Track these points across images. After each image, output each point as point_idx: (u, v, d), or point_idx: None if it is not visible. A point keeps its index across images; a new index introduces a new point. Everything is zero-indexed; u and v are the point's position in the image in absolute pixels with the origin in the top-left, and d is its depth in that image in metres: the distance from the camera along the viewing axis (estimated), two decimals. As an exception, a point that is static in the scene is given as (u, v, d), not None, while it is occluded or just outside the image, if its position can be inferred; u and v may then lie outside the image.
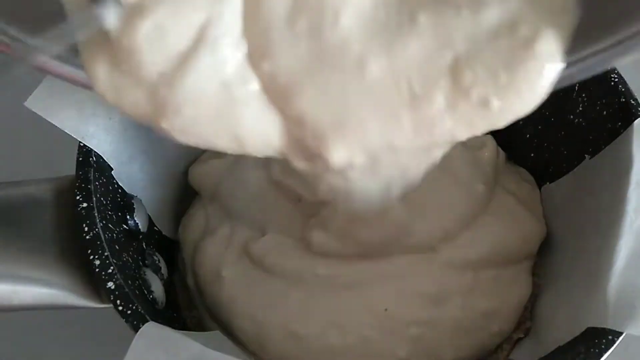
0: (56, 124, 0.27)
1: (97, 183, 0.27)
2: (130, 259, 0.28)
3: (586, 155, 0.32)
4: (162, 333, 0.23)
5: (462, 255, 0.31)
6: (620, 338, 0.23)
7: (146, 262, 0.31)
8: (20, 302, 0.25)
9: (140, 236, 0.31)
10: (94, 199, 0.27)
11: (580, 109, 0.32)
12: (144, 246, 0.31)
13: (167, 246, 0.35)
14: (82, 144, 0.28)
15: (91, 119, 0.28)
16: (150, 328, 0.23)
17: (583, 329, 0.24)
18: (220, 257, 0.31)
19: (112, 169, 0.29)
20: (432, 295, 0.30)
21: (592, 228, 0.28)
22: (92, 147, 0.28)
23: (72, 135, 0.27)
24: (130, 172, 0.31)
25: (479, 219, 0.32)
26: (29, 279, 0.25)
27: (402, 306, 0.29)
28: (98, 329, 0.35)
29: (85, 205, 0.26)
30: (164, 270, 0.32)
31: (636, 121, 0.28)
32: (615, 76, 0.29)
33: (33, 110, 0.26)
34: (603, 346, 0.23)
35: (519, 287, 0.32)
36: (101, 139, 0.28)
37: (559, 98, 0.33)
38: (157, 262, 0.31)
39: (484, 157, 0.34)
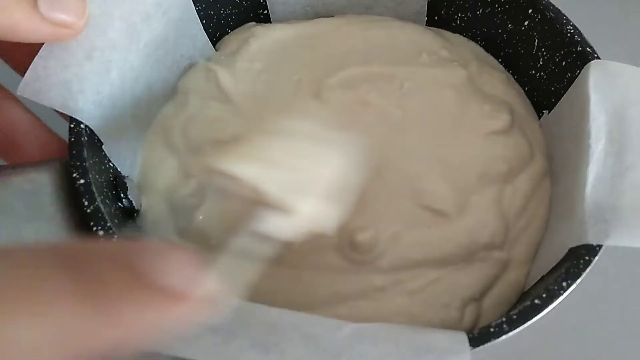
0: (46, 104, 0.27)
1: (91, 161, 0.28)
2: (129, 233, 0.29)
3: (544, 111, 0.34)
4: None
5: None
6: (597, 257, 0.25)
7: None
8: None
9: (135, 214, 0.32)
10: (90, 175, 0.27)
11: (541, 63, 0.34)
12: (140, 224, 0.32)
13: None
14: (72, 125, 0.29)
15: (79, 95, 0.28)
16: None
17: (565, 252, 0.26)
18: None
19: (102, 144, 0.30)
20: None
21: (566, 168, 0.31)
22: (82, 121, 0.28)
23: (62, 111, 0.28)
24: (118, 149, 0.32)
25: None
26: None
27: None
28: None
29: (82, 181, 0.27)
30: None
31: (590, 63, 0.30)
32: (571, 28, 0.32)
33: (25, 96, 0.27)
34: (581, 266, 0.25)
35: None
36: (91, 114, 0.29)
37: (520, 55, 0.36)
38: (153, 238, 0.32)
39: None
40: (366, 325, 0.24)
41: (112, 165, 0.31)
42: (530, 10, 0.34)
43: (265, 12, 0.40)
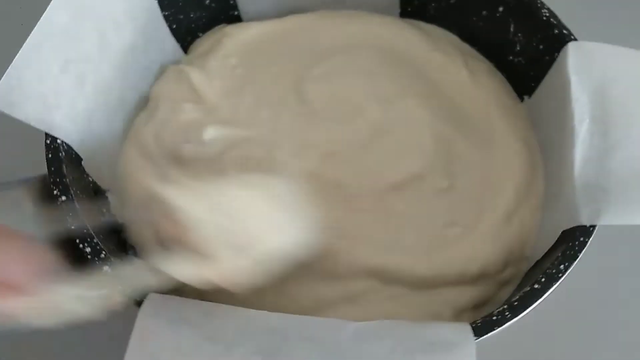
0: (21, 119, 0.26)
1: (71, 177, 0.27)
2: (115, 248, 0.28)
3: (525, 96, 0.34)
4: (167, 298, 0.23)
5: None
6: (591, 238, 0.25)
7: (129, 252, 0.31)
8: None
9: (120, 229, 0.31)
10: (72, 191, 0.27)
11: (518, 48, 0.34)
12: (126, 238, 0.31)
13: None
14: (48, 141, 0.28)
15: (55, 110, 0.27)
16: (156, 295, 0.23)
17: (559, 235, 0.27)
18: None
19: (81, 159, 0.29)
20: None
21: (552, 152, 0.31)
22: (60, 137, 0.27)
23: (38, 127, 0.27)
24: (96, 163, 0.31)
25: None
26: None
27: None
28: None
29: (64, 198, 0.26)
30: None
31: (568, 44, 0.30)
32: (546, 11, 0.32)
33: None
34: (577, 247, 0.25)
35: None
36: (68, 130, 0.28)
37: (497, 42, 0.36)
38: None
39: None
40: (369, 324, 0.23)
41: (91, 180, 0.30)
42: (503, -4, 0.34)
43: (236, 12, 0.39)
